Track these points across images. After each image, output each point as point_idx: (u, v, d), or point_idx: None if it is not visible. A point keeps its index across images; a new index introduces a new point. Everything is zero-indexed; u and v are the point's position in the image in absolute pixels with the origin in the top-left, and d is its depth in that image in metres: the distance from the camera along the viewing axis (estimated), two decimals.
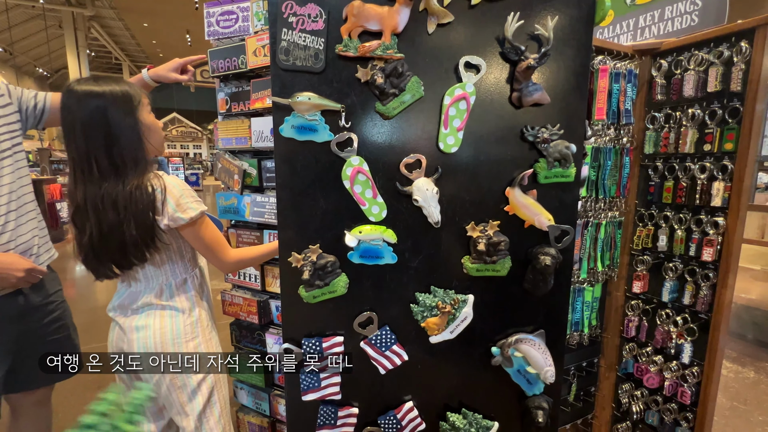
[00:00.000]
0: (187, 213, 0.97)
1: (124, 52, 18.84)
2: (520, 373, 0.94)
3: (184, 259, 1.08)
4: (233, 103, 1.72)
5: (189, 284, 1.08)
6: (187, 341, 1.03)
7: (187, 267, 1.09)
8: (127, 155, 0.92)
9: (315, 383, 0.91)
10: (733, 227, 1.39)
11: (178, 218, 0.96)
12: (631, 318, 1.70)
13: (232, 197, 1.71)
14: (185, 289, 1.07)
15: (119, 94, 0.93)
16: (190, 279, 1.09)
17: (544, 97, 0.83)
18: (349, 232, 0.85)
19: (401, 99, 0.81)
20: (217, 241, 1.05)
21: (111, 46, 17.16)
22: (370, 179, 0.84)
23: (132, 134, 0.93)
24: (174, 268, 1.05)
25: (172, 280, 1.05)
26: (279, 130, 0.81)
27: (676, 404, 1.59)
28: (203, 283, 1.16)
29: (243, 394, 1.92)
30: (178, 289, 1.06)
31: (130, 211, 0.91)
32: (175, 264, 1.06)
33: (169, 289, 1.04)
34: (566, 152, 0.85)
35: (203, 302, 1.12)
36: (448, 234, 0.89)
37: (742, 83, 1.33)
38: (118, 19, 14.42)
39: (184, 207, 0.97)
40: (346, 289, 0.88)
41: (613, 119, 1.58)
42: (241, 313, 1.86)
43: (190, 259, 1.10)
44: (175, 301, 1.04)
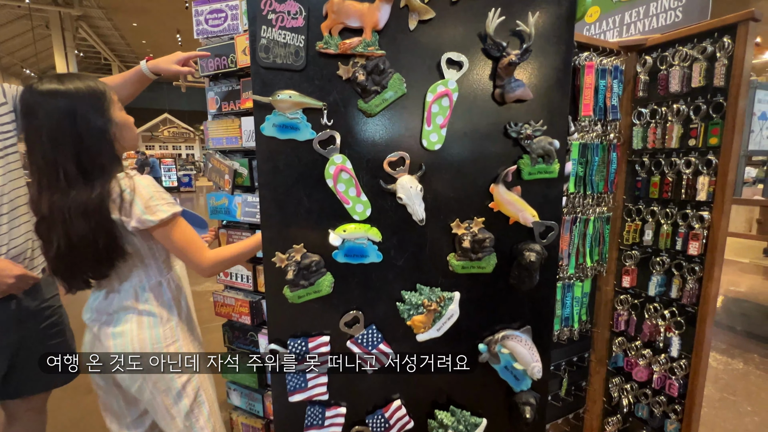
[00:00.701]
0: (157, 215, 0.90)
1: (114, 53, 18.59)
2: (507, 369, 0.94)
3: (158, 262, 1.03)
4: (223, 103, 1.71)
5: (165, 287, 1.04)
6: (167, 345, 1.00)
7: (161, 269, 1.04)
8: (97, 159, 0.86)
9: (302, 384, 0.90)
10: (718, 221, 1.41)
11: (146, 220, 0.90)
12: (620, 312, 1.72)
13: (222, 197, 1.69)
14: (161, 292, 1.03)
15: (87, 92, 0.85)
16: (165, 282, 1.04)
17: (527, 93, 0.83)
18: (333, 231, 0.85)
19: (383, 96, 0.81)
20: (191, 243, 0.98)
21: (100, 47, 16.93)
22: (353, 177, 0.83)
23: (103, 136, 0.87)
24: (148, 271, 1.01)
25: (146, 283, 1.01)
26: (260, 129, 0.81)
27: (665, 397, 1.61)
28: (180, 287, 1.11)
29: (236, 395, 1.91)
30: (153, 292, 1.01)
31: (101, 218, 0.85)
32: (149, 267, 1.01)
33: (143, 292, 1.00)
34: (549, 148, 0.85)
35: (182, 305, 1.08)
36: (433, 231, 0.88)
37: (725, 78, 1.34)
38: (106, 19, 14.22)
39: (153, 209, 0.90)
40: (332, 289, 0.88)
41: (600, 115, 1.59)
42: (233, 314, 1.85)
43: (164, 261, 1.05)
44: (152, 304, 1.00)
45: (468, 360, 0.94)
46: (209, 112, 1.78)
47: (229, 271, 1.87)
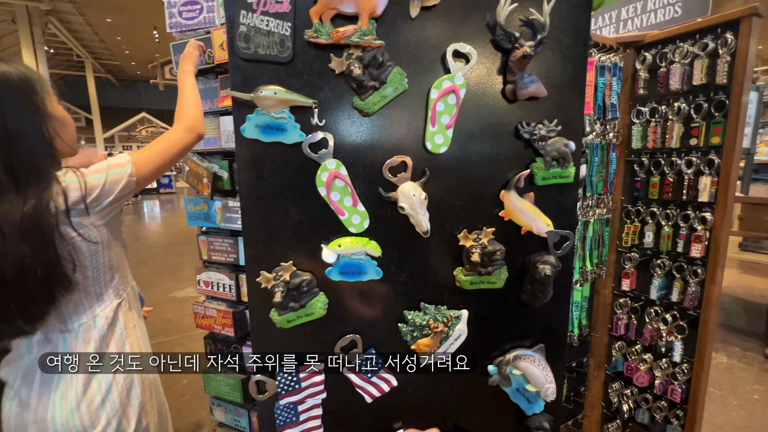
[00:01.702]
0: (124, 156, 0.78)
1: (87, 49, 17.78)
2: (519, 392, 0.87)
3: (115, 277, 0.85)
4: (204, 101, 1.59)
5: (119, 314, 0.86)
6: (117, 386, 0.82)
7: (117, 289, 0.86)
8: (32, 162, 0.69)
9: (292, 417, 0.80)
10: (721, 222, 1.37)
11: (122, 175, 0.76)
12: (620, 316, 1.67)
13: (201, 202, 1.57)
14: (113, 321, 0.84)
15: (17, 80, 0.69)
16: (122, 306, 0.86)
17: (541, 89, 0.75)
18: (327, 245, 0.75)
19: (382, 93, 0.71)
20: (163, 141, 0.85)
21: (72, 43, 16.15)
22: (349, 185, 0.73)
23: (37, 132, 0.71)
24: (101, 295, 0.82)
25: (99, 312, 0.82)
26: (240, 131, 0.70)
27: (666, 402, 1.57)
28: (136, 308, 0.93)
29: (220, 411, 1.80)
30: (108, 323, 0.83)
31: (39, 236, 0.67)
32: (103, 286, 0.82)
33: (95, 326, 0.81)
34: (565, 150, 0.77)
35: (137, 332, 0.90)
36: (439, 244, 0.79)
37: (728, 76, 1.30)
38: (78, 14, 13.58)
39: (117, 163, 0.77)
40: (325, 311, 0.78)
41: (599, 114, 1.53)
42: (215, 326, 1.74)
43: (122, 277, 0.87)
44: (105, 343, 0.82)
45: (477, 383, 0.85)
46: None
47: (209, 280, 1.76)
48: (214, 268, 1.67)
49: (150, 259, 5.87)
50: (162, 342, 3.33)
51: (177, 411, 2.42)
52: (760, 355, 2.98)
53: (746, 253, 5.36)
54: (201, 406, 2.42)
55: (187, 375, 2.82)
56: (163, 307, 4.06)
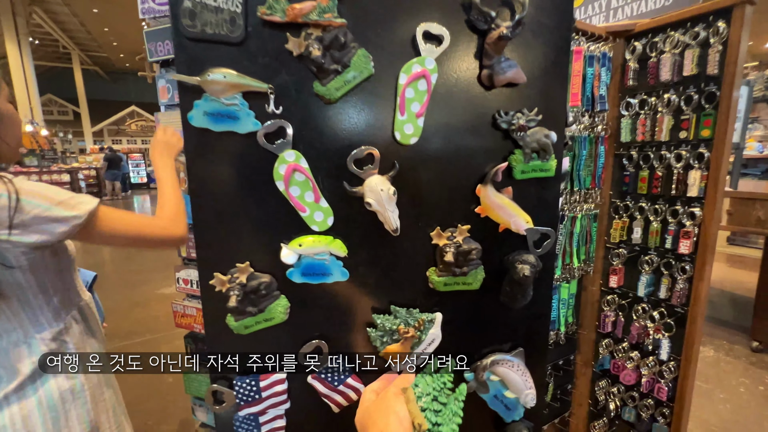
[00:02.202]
0: (82, 207, 0.72)
1: (73, 41, 17.31)
2: (497, 398, 0.82)
3: (53, 300, 0.78)
4: (176, 92, 1.51)
5: (65, 336, 0.81)
6: (66, 412, 0.77)
7: (57, 311, 0.80)
8: None
9: (253, 428, 0.74)
10: (710, 218, 1.33)
11: (68, 218, 0.70)
12: (607, 313, 1.64)
13: None
14: (60, 343, 0.80)
15: None
16: (66, 328, 0.81)
17: (520, 75, 0.69)
18: (287, 245, 0.68)
19: (345, 77, 0.65)
20: (138, 222, 0.81)
21: (57, 34, 15.71)
22: (310, 179, 0.67)
23: None
24: (36, 318, 0.76)
25: (35, 336, 0.76)
26: (188, 119, 0.63)
27: (653, 400, 1.55)
28: (90, 328, 0.88)
29: (201, 411, 1.76)
30: (48, 347, 0.78)
31: None
32: (37, 311, 0.76)
33: (31, 351, 0.76)
34: (545, 141, 0.72)
35: (88, 352, 0.85)
36: (410, 243, 0.74)
37: (719, 66, 1.26)
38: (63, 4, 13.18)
39: (72, 204, 0.72)
40: (287, 315, 0.72)
41: (587, 106, 1.48)
42: (195, 325, 1.68)
43: (62, 300, 0.81)
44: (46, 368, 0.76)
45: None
46: (161, 102, 1.58)
47: (188, 278, 1.70)
48: (194, 266, 1.61)
49: (138, 256, 5.77)
50: (148, 340, 3.26)
51: (162, 411, 2.37)
52: (747, 349, 2.99)
53: (734, 247, 5.40)
54: (187, 405, 2.37)
55: (173, 374, 2.76)
56: (150, 304, 3.98)
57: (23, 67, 13.10)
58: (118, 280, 4.76)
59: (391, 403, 0.49)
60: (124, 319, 3.66)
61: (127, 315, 3.74)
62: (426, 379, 0.54)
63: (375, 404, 0.51)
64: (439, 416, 0.51)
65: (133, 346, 3.15)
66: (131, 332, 3.39)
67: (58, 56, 19.29)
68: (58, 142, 15.70)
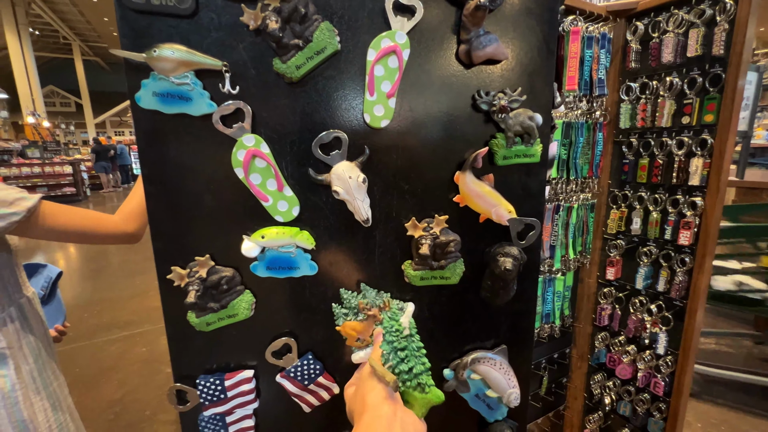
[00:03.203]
0: (22, 204, 0.74)
1: (73, 31, 17.19)
2: (479, 397, 0.78)
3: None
4: None
5: (8, 325, 0.80)
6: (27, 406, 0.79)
7: None
8: None
9: (220, 430, 0.71)
10: (712, 207, 1.27)
11: (5, 215, 0.72)
12: (603, 306, 1.59)
13: None
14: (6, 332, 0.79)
15: None
16: (8, 318, 0.80)
17: (501, 50, 0.63)
18: (249, 237, 0.64)
19: (306, 54, 0.59)
20: (87, 218, 0.82)
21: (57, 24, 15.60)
22: (272, 165, 0.62)
23: None
24: None
25: None
26: (135, 99, 0.58)
27: (649, 395, 1.51)
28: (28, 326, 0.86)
29: None
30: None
31: None
32: None
33: None
34: (530, 124, 0.66)
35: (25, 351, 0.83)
36: (383, 234, 0.69)
37: (725, 46, 1.18)
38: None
39: (11, 201, 0.73)
40: (252, 311, 0.67)
41: (585, 90, 1.41)
42: None
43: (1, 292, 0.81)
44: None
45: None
46: None
47: None
48: None
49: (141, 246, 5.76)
50: (146, 331, 3.26)
51: (159, 402, 2.37)
52: (749, 341, 2.94)
53: None
54: None
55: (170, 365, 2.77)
56: (149, 295, 3.99)
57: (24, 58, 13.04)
58: (118, 270, 4.76)
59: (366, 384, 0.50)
60: (123, 309, 3.67)
61: (125, 305, 3.75)
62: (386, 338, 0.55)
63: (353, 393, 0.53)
64: (405, 363, 0.52)
65: (133, 337, 3.16)
66: (130, 323, 3.40)
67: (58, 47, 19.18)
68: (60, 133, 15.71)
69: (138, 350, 2.98)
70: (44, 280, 1.21)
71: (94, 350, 2.99)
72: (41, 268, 1.24)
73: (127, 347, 3.02)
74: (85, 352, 2.94)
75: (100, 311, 3.63)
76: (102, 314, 3.57)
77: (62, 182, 10.10)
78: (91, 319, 3.48)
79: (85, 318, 3.50)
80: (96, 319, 3.47)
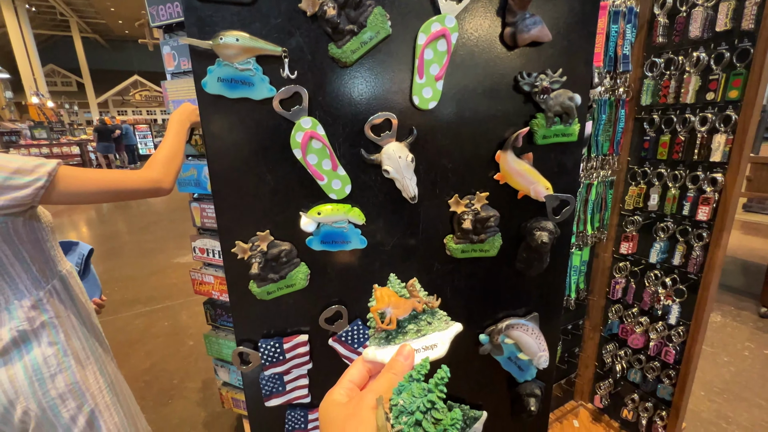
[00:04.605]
0: (41, 170, 0.73)
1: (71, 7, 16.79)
2: (511, 360, 0.85)
3: (31, 269, 0.82)
4: (182, 59, 1.47)
5: (46, 304, 0.84)
6: (52, 375, 0.83)
7: (37, 280, 0.83)
8: None
9: (278, 387, 0.79)
10: (732, 183, 1.29)
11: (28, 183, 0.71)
12: (618, 280, 1.65)
13: (190, 168, 1.50)
14: (40, 311, 0.84)
15: None
16: (46, 296, 0.85)
17: (545, 32, 0.65)
18: (306, 213, 0.69)
19: (361, 38, 0.62)
20: (113, 176, 0.82)
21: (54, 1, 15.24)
22: (327, 146, 0.66)
23: None
24: (15, 286, 0.80)
25: (15, 303, 0.80)
26: (202, 85, 0.62)
27: (659, 362, 1.59)
28: (71, 295, 0.92)
29: (223, 371, 1.86)
30: (27, 314, 0.82)
31: None
32: (16, 279, 0.80)
33: (11, 317, 0.80)
34: (569, 105, 0.69)
35: (72, 319, 0.89)
36: (428, 210, 0.74)
37: (756, 19, 1.17)
38: None
39: (30, 169, 0.73)
40: (307, 281, 0.74)
41: (609, 67, 1.41)
42: (213, 292, 1.74)
43: (40, 269, 0.84)
44: (26, 334, 0.81)
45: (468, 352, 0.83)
46: (167, 70, 1.54)
47: (204, 247, 1.74)
48: (209, 235, 1.64)
49: (153, 226, 5.91)
50: (167, 306, 3.40)
51: (185, 372, 2.51)
52: (755, 314, 3.01)
53: (750, 214, 5.30)
54: (207, 366, 2.51)
55: (193, 337, 2.91)
56: (167, 273, 4.12)
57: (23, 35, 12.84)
58: (135, 249, 4.89)
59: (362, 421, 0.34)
60: (144, 285, 3.81)
61: (146, 282, 3.89)
62: (413, 388, 0.37)
63: (343, 416, 0.36)
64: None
65: (155, 312, 3.30)
66: (151, 298, 3.54)
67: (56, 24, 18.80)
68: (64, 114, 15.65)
69: (161, 324, 3.12)
70: (78, 257, 1.28)
71: (120, 324, 3.13)
72: (73, 245, 1.30)
73: (151, 321, 3.16)
74: (112, 326, 3.09)
75: (122, 288, 3.77)
76: (124, 291, 3.71)
77: (70, 163, 10.18)
78: (114, 295, 3.62)
79: (108, 294, 3.64)
80: (119, 296, 3.61)
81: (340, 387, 0.39)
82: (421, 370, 0.38)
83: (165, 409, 2.19)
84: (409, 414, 0.35)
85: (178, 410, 2.18)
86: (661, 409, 1.60)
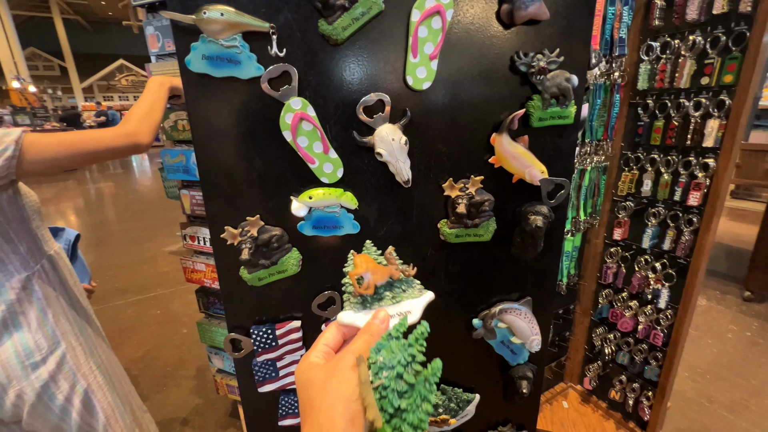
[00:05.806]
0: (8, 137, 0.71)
1: None
2: (504, 344, 0.85)
3: (19, 249, 0.80)
4: (166, 40, 1.41)
5: (35, 284, 0.83)
6: (43, 357, 0.82)
7: (26, 260, 0.82)
8: None
9: (271, 373, 0.78)
10: (723, 168, 1.30)
11: None
12: (609, 265, 1.67)
13: (179, 154, 1.46)
14: (29, 292, 0.82)
15: None
16: (35, 276, 0.83)
17: (543, 10, 0.63)
18: (297, 198, 0.67)
19: (353, 14, 0.59)
20: (87, 136, 0.78)
21: None
22: (318, 128, 0.64)
23: None
24: (4, 267, 0.79)
25: (5, 284, 0.78)
26: (185, 63, 0.59)
27: (647, 345, 1.62)
28: (60, 277, 0.90)
29: (217, 359, 1.87)
30: (18, 296, 0.80)
31: None
32: (4, 259, 0.78)
33: (1, 299, 0.78)
34: (566, 86, 0.67)
35: (61, 300, 0.88)
36: (421, 194, 0.72)
37: (753, 2, 1.16)
38: None
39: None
40: (299, 267, 0.72)
41: (605, 50, 1.39)
42: (205, 280, 1.73)
43: (29, 249, 0.82)
44: (15, 315, 0.80)
45: (461, 336, 0.83)
46: (151, 52, 1.48)
47: (195, 234, 1.72)
48: (199, 223, 1.62)
49: (141, 215, 5.82)
50: (159, 294, 3.38)
51: (179, 359, 2.51)
52: (738, 298, 3.09)
53: (737, 201, 5.40)
54: (201, 354, 2.51)
55: (186, 325, 2.90)
56: (157, 261, 4.08)
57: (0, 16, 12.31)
58: (125, 237, 4.82)
59: (342, 380, 0.34)
60: (135, 274, 3.77)
61: (136, 270, 3.85)
62: (392, 346, 0.37)
63: (323, 377, 0.35)
64: (403, 399, 0.35)
65: (147, 301, 3.27)
66: (142, 287, 3.51)
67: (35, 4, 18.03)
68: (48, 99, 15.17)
69: (153, 312, 3.10)
70: (65, 243, 1.25)
71: (112, 313, 3.10)
72: (60, 231, 1.27)
73: (142, 310, 3.14)
74: (103, 315, 3.06)
75: (112, 277, 3.73)
76: (114, 279, 3.66)
77: None
78: (105, 284, 3.58)
79: (99, 284, 3.59)
80: (109, 284, 3.57)
81: (316, 350, 0.39)
82: (399, 329, 0.39)
83: (159, 396, 2.19)
84: (390, 369, 0.36)
85: (172, 397, 2.19)
86: (648, 390, 1.65)
